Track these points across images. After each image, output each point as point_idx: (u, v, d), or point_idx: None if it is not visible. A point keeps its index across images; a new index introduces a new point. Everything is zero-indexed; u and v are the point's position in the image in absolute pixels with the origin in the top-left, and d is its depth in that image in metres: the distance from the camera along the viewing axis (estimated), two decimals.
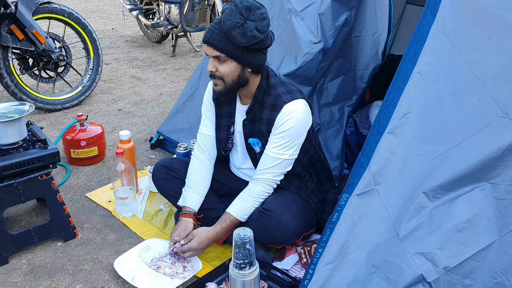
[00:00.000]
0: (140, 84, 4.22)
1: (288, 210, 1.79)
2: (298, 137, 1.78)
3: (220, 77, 1.74)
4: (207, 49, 1.73)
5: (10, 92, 3.30)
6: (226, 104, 1.93)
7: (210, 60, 1.74)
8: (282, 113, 1.74)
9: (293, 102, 1.75)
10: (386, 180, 1.41)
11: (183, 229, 1.85)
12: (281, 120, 1.75)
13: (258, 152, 1.87)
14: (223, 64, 1.72)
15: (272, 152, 1.78)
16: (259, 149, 1.86)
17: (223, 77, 1.73)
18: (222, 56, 1.70)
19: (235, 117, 1.93)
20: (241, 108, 1.89)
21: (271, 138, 1.79)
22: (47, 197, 2.01)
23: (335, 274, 1.42)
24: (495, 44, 1.34)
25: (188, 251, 1.80)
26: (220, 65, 1.72)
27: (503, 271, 1.31)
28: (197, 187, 1.95)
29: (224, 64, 1.72)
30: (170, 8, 4.87)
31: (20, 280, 1.87)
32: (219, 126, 1.97)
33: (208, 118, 2.00)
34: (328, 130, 2.34)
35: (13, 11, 3.10)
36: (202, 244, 1.80)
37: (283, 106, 1.74)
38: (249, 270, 1.49)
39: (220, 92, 1.78)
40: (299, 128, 1.76)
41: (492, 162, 1.32)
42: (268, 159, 1.80)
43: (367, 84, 2.31)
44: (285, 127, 1.74)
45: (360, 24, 2.24)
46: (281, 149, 1.77)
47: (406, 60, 1.43)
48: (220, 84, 1.75)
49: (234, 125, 1.95)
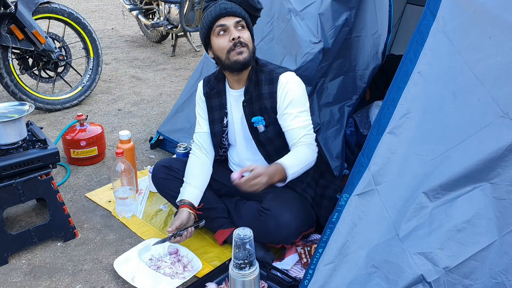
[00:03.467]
0: (140, 84, 4.22)
1: (287, 209, 1.79)
2: (306, 101, 1.86)
3: (245, 43, 1.78)
4: (224, 20, 1.77)
5: (10, 92, 3.30)
6: (215, 97, 1.97)
7: (231, 30, 1.77)
8: (280, 83, 1.81)
9: (286, 73, 1.85)
10: (386, 180, 1.41)
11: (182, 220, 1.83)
12: (284, 90, 1.80)
13: (262, 131, 1.87)
14: (244, 31, 1.80)
15: (294, 124, 1.80)
16: (263, 128, 1.86)
17: (247, 42, 1.79)
18: (242, 23, 1.79)
19: (227, 107, 1.96)
20: (235, 94, 1.91)
21: (284, 113, 1.81)
22: (47, 197, 2.01)
23: (335, 274, 1.42)
24: (495, 44, 1.34)
25: (257, 177, 1.62)
26: (241, 33, 1.79)
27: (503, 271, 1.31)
28: (195, 181, 1.95)
29: (244, 31, 1.81)
30: (170, 8, 4.87)
31: (20, 280, 1.87)
32: (212, 120, 1.99)
33: (202, 116, 2.03)
34: (328, 130, 2.34)
35: (13, 11, 3.10)
36: (263, 169, 1.65)
37: (278, 77, 1.82)
38: (249, 270, 1.49)
39: (245, 60, 1.79)
40: (303, 93, 1.86)
41: (492, 162, 1.32)
42: (295, 132, 1.80)
43: (367, 84, 2.31)
44: (291, 96, 1.80)
45: (360, 24, 2.24)
46: (300, 117, 1.81)
47: (406, 60, 1.42)
48: (246, 51, 1.79)
49: (227, 116, 1.96)
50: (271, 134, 1.87)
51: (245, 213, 1.92)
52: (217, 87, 1.98)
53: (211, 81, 2.01)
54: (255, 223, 1.79)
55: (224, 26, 1.77)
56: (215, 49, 1.83)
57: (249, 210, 1.91)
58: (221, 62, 1.84)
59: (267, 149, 1.90)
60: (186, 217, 1.84)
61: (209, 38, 1.84)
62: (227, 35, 1.78)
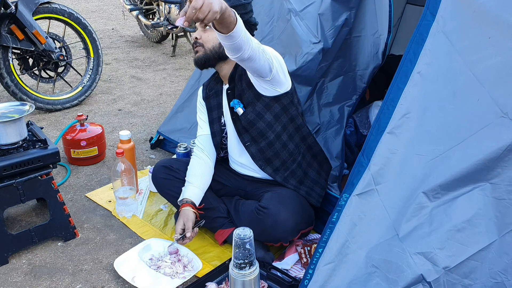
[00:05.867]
0: (140, 84, 4.22)
1: (285, 207, 1.80)
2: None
3: (200, 43, 1.84)
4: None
5: (10, 92, 3.31)
6: (214, 97, 2.00)
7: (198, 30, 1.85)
8: None
9: None
10: (386, 180, 1.41)
11: (185, 219, 1.85)
12: None
13: (241, 114, 1.86)
14: (207, 31, 1.83)
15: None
16: (241, 110, 1.86)
17: (204, 42, 1.83)
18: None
19: (223, 106, 1.98)
20: (225, 88, 1.95)
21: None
22: (47, 197, 2.01)
23: (335, 274, 1.42)
24: (495, 44, 1.34)
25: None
26: (204, 33, 1.84)
27: (503, 271, 1.31)
28: (197, 181, 1.96)
29: (207, 31, 1.83)
30: (170, 8, 4.87)
31: (20, 280, 1.87)
32: (211, 120, 2.02)
33: (202, 119, 2.07)
34: (328, 130, 2.34)
35: (13, 11, 3.10)
36: None
37: None
38: (249, 270, 1.49)
39: (198, 59, 1.85)
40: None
41: (492, 162, 1.33)
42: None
43: (367, 84, 2.31)
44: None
45: (360, 24, 2.24)
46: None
47: (406, 60, 1.43)
48: (200, 50, 1.85)
49: (224, 116, 1.98)
50: (251, 116, 1.85)
51: (243, 212, 1.93)
52: (215, 87, 2.01)
53: (210, 83, 2.05)
54: (253, 221, 1.79)
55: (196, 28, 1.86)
56: None
57: (247, 209, 1.91)
58: None
59: (252, 134, 1.88)
60: (189, 215, 1.85)
61: None
62: None
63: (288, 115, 1.87)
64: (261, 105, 1.84)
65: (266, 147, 1.88)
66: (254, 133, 1.88)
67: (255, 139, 1.89)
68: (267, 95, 1.83)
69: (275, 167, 1.91)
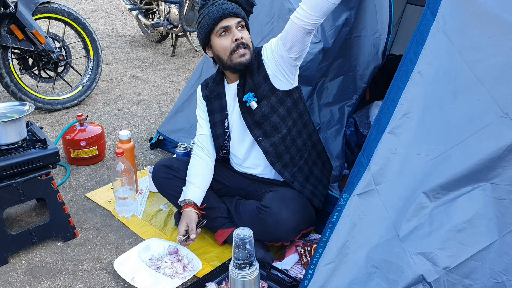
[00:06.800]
0: (140, 84, 4.22)
1: (286, 206, 1.80)
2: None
3: (247, 44, 1.80)
4: (227, 21, 1.78)
5: (10, 92, 3.31)
6: (216, 99, 1.98)
7: (233, 31, 1.79)
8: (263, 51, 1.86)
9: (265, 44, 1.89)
10: (386, 180, 1.41)
11: (188, 221, 1.84)
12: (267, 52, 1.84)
13: (255, 108, 1.85)
14: (244, 31, 1.82)
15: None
16: (255, 104, 1.85)
17: (248, 43, 1.81)
18: (242, 23, 1.81)
19: (228, 109, 1.97)
20: (233, 87, 1.93)
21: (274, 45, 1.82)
22: (47, 197, 2.01)
23: (335, 274, 1.42)
24: (495, 44, 1.34)
25: None
26: (242, 33, 1.80)
27: (503, 271, 1.31)
28: (197, 181, 1.95)
29: (244, 30, 1.82)
30: (170, 8, 4.87)
31: (20, 280, 1.87)
32: (214, 123, 2.00)
33: (203, 118, 2.05)
34: (328, 130, 2.34)
35: (13, 11, 3.10)
36: None
37: (260, 50, 1.88)
38: (249, 270, 1.49)
39: (248, 62, 1.81)
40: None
41: (492, 162, 1.32)
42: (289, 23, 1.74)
43: (367, 84, 2.31)
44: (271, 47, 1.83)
45: (360, 24, 2.24)
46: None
47: (406, 60, 1.42)
48: (248, 53, 1.81)
49: (228, 118, 1.97)
50: (266, 109, 1.85)
51: (244, 211, 1.93)
52: (217, 89, 1.98)
53: (210, 84, 2.02)
54: (254, 221, 1.79)
55: (227, 27, 1.78)
56: (217, 49, 1.83)
57: (248, 208, 1.91)
58: (222, 62, 1.85)
59: (265, 129, 1.87)
60: (192, 217, 1.85)
61: (209, 38, 1.84)
62: (229, 35, 1.79)
63: (297, 111, 1.90)
64: (275, 98, 1.85)
65: (279, 141, 1.88)
66: (267, 127, 1.87)
67: (268, 133, 1.88)
68: (281, 89, 1.85)
69: (285, 163, 1.91)
